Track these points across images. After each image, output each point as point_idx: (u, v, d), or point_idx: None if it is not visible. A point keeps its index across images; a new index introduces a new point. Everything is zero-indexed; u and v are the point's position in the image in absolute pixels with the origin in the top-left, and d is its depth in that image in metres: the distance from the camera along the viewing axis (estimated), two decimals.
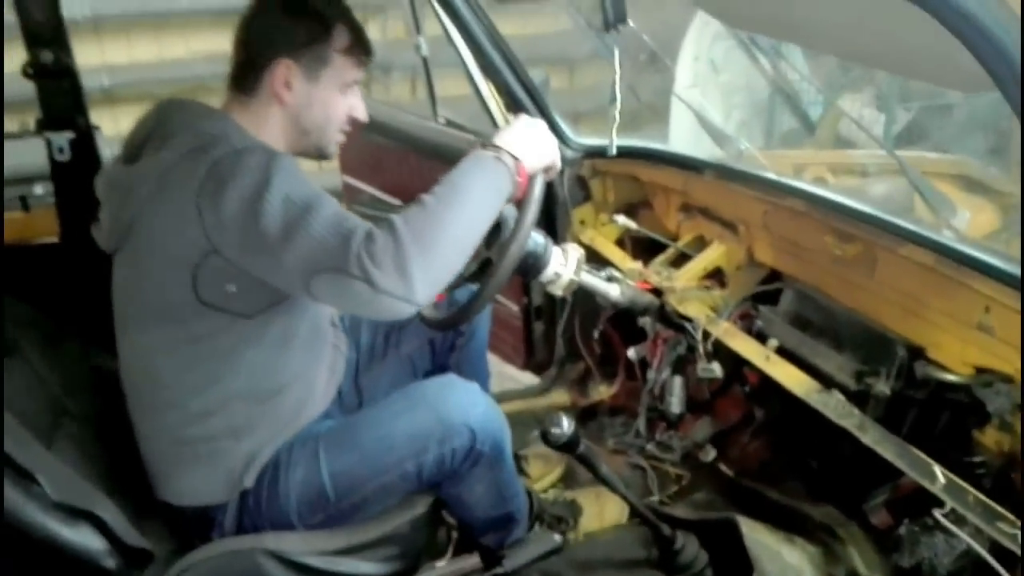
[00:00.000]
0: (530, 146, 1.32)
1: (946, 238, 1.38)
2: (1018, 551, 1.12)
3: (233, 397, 1.33)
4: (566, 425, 1.41)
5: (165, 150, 1.23)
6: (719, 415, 2.07)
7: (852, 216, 1.51)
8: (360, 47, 1.37)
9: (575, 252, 1.74)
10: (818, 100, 3.84)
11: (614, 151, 1.94)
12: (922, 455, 1.27)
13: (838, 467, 1.65)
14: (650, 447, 2.21)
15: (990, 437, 1.58)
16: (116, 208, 1.28)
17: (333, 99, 1.37)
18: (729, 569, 1.54)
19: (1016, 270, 1.24)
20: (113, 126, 2.64)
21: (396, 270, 1.11)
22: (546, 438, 1.42)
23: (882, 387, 1.47)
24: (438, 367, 1.83)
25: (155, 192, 1.22)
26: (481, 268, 1.51)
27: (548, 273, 1.68)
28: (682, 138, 3.62)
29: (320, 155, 1.44)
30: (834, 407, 1.42)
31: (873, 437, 1.33)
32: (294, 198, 1.15)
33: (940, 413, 1.55)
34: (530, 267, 1.67)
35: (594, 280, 1.81)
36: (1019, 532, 1.10)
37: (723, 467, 1.95)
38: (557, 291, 1.73)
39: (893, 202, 2.00)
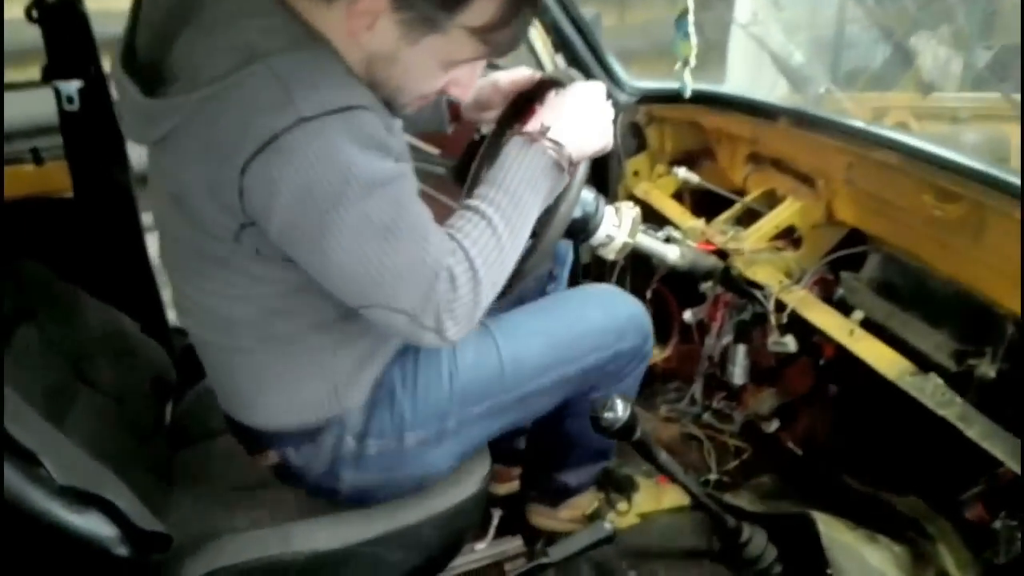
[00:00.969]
0: (589, 134, 1.14)
1: None
2: None
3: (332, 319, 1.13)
4: (621, 408, 1.25)
5: (204, 81, 0.90)
6: (786, 387, 1.89)
7: (957, 172, 1.30)
8: (499, 33, 0.98)
9: (630, 212, 1.56)
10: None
11: (688, 93, 1.72)
12: None
13: (927, 454, 1.47)
14: (706, 416, 2.07)
15: None
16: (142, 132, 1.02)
17: (427, 70, 1.02)
18: (801, 565, 1.38)
19: None
20: None
21: (469, 322, 1.00)
22: (598, 423, 1.25)
23: (986, 369, 1.28)
24: None
25: (196, 141, 0.94)
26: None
27: (600, 235, 1.51)
28: (739, 80, 3.37)
29: (387, 107, 1.10)
30: (931, 393, 1.23)
31: (980, 431, 1.15)
32: (373, 218, 0.93)
33: None
34: (580, 229, 1.51)
35: (651, 242, 1.64)
36: None
37: (790, 444, 1.78)
38: (610, 255, 1.56)
39: (986, 152, 1.76)
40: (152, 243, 1.53)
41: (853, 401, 1.63)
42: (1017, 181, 1.22)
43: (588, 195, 1.48)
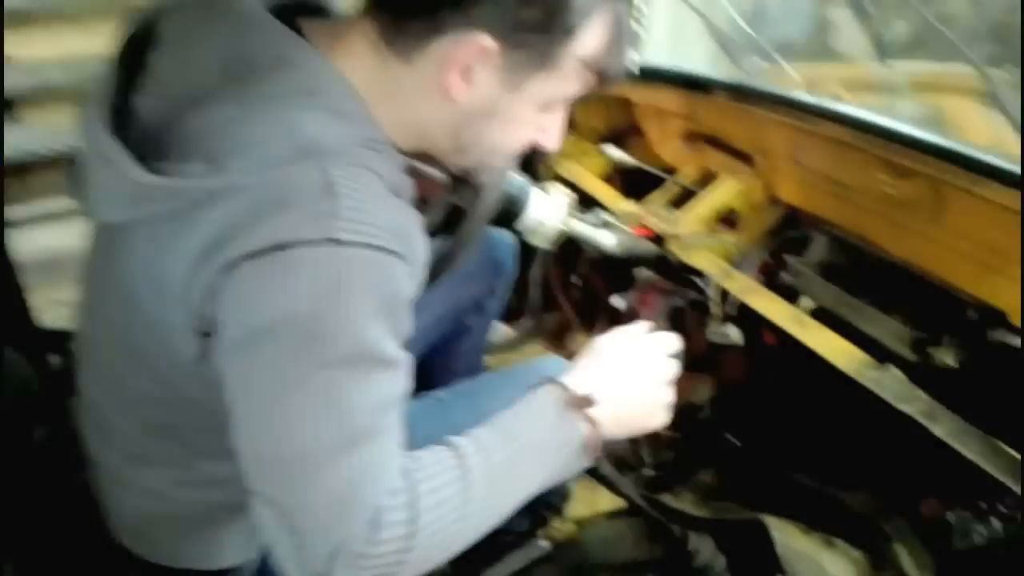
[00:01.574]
0: (638, 414, 0.88)
1: None
2: None
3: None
4: None
5: (237, 168, 0.70)
6: (723, 376, 1.78)
7: (913, 146, 1.20)
8: (610, 58, 0.80)
9: (563, 196, 1.42)
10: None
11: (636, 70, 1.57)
12: (1011, 451, 1.00)
13: (877, 448, 1.39)
14: None
15: None
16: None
17: (525, 117, 0.82)
18: (752, 573, 1.28)
19: None
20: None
21: None
22: None
23: (946, 358, 1.19)
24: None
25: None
26: (449, 220, 1.17)
27: (530, 221, 1.38)
28: (659, 51, 3.25)
29: (453, 173, 0.91)
30: (892, 387, 1.13)
31: (947, 428, 1.05)
32: (334, 396, 0.69)
33: (1013, 387, 1.29)
34: (507, 214, 1.37)
35: (585, 228, 1.51)
36: None
37: (729, 436, 1.68)
38: (541, 242, 1.42)
39: (924, 125, 1.68)
40: (21, 239, 1.33)
41: (795, 391, 1.53)
42: (977, 155, 1.13)
43: (515, 178, 1.34)
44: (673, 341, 0.93)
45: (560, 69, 0.78)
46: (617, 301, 1.86)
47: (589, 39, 0.77)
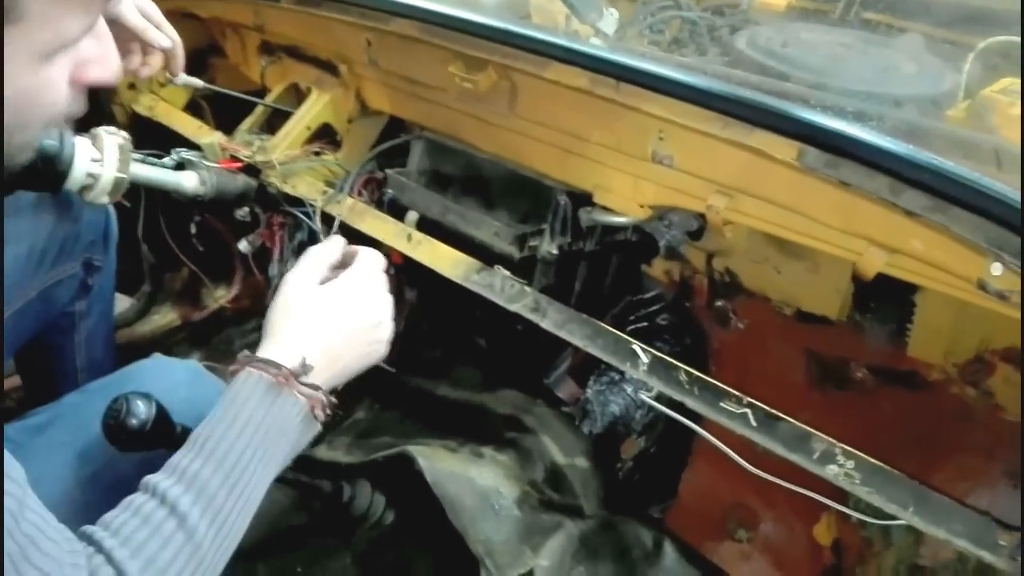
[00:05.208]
0: (361, 352, 0.81)
1: (598, 48, 1.04)
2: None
3: None
4: (139, 408, 0.88)
5: None
6: None
7: (477, 35, 1.10)
8: None
9: (113, 139, 1.16)
10: None
11: None
12: (620, 335, 0.98)
13: (509, 343, 1.36)
14: None
15: (659, 268, 1.38)
16: None
17: (23, 78, 0.58)
18: (414, 502, 1.20)
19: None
20: None
21: None
22: (111, 432, 0.87)
23: (548, 247, 1.15)
24: None
25: None
26: None
27: (76, 177, 1.12)
28: None
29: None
30: (502, 290, 1.07)
31: (555, 321, 1.01)
32: None
33: (608, 260, 1.30)
34: (49, 176, 1.10)
35: (156, 172, 1.27)
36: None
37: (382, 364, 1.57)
38: (102, 198, 1.16)
39: (506, 10, 1.63)
40: None
41: (431, 305, 1.45)
42: (535, 34, 1.06)
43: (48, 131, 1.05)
44: (378, 258, 0.86)
45: (29, 16, 0.55)
46: (244, 246, 1.63)
47: None
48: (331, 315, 0.78)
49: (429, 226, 1.23)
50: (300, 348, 0.74)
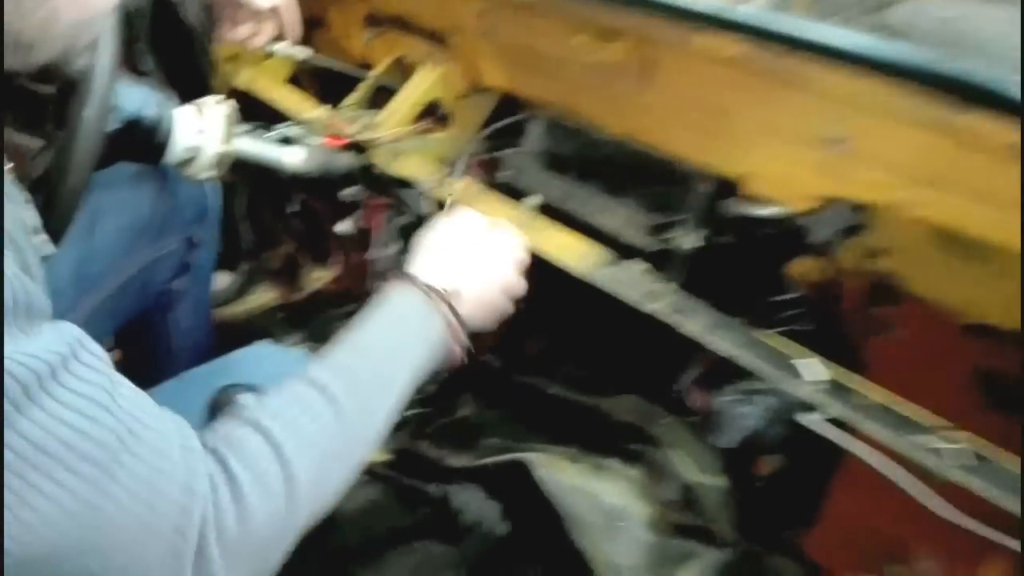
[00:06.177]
0: (497, 304, 0.84)
1: (759, 14, 0.89)
2: None
3: None
4: None
5: None
6: None
7: (612, 1, 0.97)
8: None
9: (218, 109, 1.09)
10: None
11: None
12: (779, 344, 0.85)
13: (635, 347, 1.23)
14: None
15: (803, 267, 1.22)
16: None
17: None
18: (531, 513, 1.10)
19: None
20: None
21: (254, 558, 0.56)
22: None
23: (687, 240, 1.02)
24: None
25: None
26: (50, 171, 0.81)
27: (177, 150, 1.06)
28: None
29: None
30: (638, 286, 0.95)
31: (701, 326, 0.88)
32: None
33: (745, 257, 1.16)
34: (148, 147, 1.04)
35: (260, 147, 1.20)
36: None
37: (489, 358, 1.48)
38: (203, 172, 1.10)
39: None
40: None
41: (543, 297, 1.34)
42: (683, 3, 0.92)
43: (144, 94, 0.99)
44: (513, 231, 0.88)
45: None
46: (343, 227, 1.56)
47: None
48: (482, 260, 0.82)
49: (549, 212, 1.11)
50: (450, 279, 0.77)
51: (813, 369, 0.80)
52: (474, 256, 0.81)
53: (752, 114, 0.91)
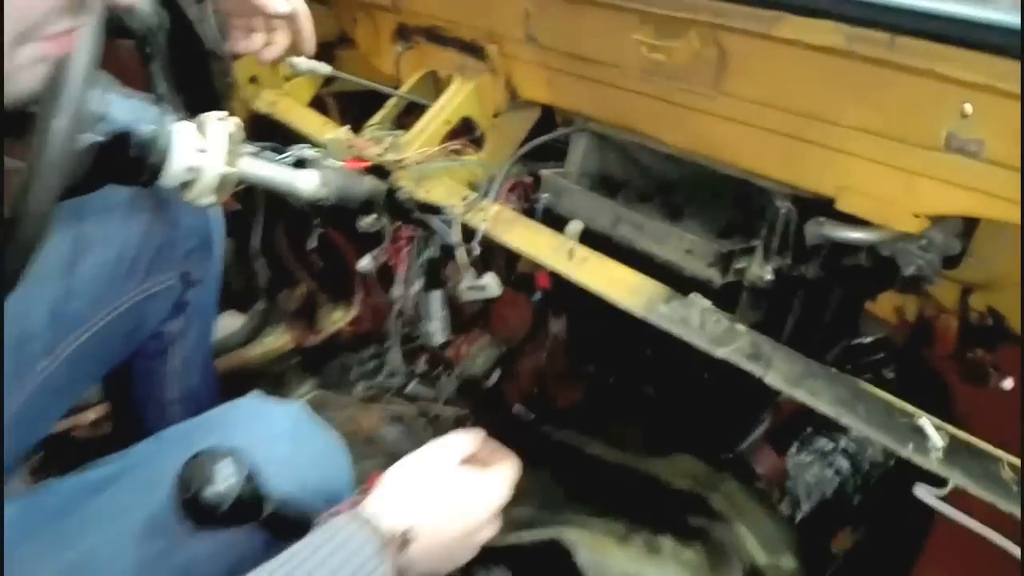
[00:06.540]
0: (457, 553, 0.73)
1: None
2: None
3: None
4: (221, 475, 0.65)
5: None
6: (500, 333, 1.40)
7: None
8: None
9: (220, 126, 0.95)
10: None
11: None
12: (895, 401, 0.67)
13: (690, 397, 1.05)
14: (413, 386, 1.54)
15: (888, 304, 1.04)
16: None
17: None
18: None
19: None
20: None
21: None
22: (184, 504, 0.65)
23: (761, 270, 0.85)
24: None
25: None
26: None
27: (176, 170, 0.90)
28: None
29: None
30: (703, 326, 0.77)
31: (786, 375, 0.70)
32: None
33: (826, 291, 0.98)
34: (136, 163, 0.89)
35: (269, 169, 1.04)
36: None
37: (519, 408, 1.30)
38: (204, 197, 0.95)
39: None
40: None
41: (586, 342, 1.17)
42: None
43: (139, 105, 0.86)
44: (514, 464, 0.77)
45: None
46: (365, 263, 1.41)
47: None
48: (453, 503, 0.71)
49: (594, 240, 0.95)
50: (410, 521, 0.67)
51: (942, 434, 0.61)
52: (444, 501, 0.71)
53: (855, 115, 0.75)
